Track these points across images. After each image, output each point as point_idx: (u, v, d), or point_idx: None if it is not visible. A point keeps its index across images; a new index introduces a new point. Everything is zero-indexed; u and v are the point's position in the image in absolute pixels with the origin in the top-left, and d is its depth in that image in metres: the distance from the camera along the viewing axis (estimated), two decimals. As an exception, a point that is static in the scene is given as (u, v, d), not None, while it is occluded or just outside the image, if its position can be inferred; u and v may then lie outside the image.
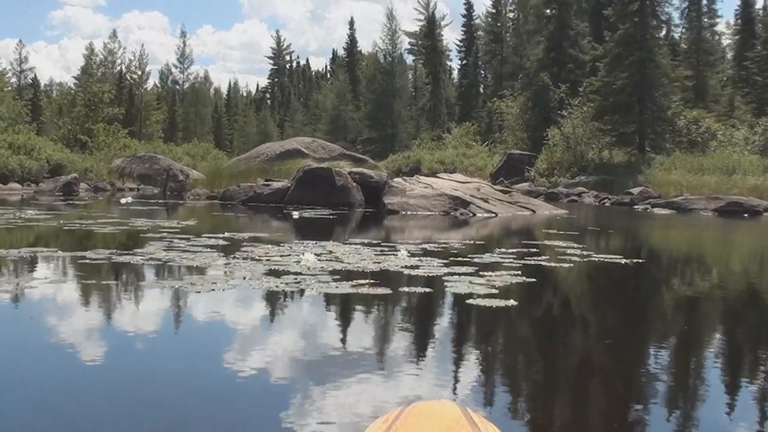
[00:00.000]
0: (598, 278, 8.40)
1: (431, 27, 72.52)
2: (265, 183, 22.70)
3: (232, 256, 8.21)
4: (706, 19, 51.08)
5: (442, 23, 75.18)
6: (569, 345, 5.29)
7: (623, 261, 9.08)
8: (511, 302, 5.88)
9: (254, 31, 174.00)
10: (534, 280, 7.32)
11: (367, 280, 6.57)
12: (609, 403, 3.91)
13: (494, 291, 6.34)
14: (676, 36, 52.27)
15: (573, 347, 5.20)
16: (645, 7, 37.06)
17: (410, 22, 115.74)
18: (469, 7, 71.00)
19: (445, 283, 6.74)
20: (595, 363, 4.77)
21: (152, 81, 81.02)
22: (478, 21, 71.44)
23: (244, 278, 6.69)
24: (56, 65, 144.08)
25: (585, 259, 9.02)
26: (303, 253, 7.86)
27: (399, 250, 8.56)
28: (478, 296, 6.09)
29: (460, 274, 7.26)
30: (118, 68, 68.22)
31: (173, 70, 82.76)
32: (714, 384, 4.27)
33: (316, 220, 16.08)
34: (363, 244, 10.04)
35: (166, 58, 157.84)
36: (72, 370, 4.08)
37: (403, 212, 18.40)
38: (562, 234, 13.39)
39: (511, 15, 67.56)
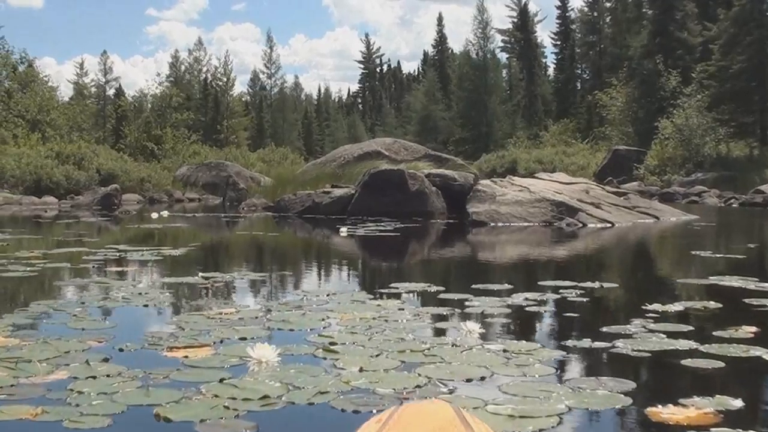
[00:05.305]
0: None
1: (524, 19, 69.45)
2: (326, 190, 18.72)
3: (126, 345, 4.01)
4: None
5: (535, 19, 72.06)
6: None
7: None
8: None
9: (345, 38, 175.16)
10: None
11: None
12: None
13: None
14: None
15: None
16: (764, -22, 32.50)
17: (501, 21, 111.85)
18: (564, -2, 67.03)
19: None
20: None
21: (241, 88, 79.32)
22: (572, 13, 68.02)
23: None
24: (152, 78, 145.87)
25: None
26: (254, 347, 3.68)
27: (465, 322, 4.43)
28: None
29: (593, 416, 3.00)
30: (204, 75, 66.33)
31: (261, 76, 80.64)
32: None
33: (370, 239, 11.96)
34: (411, 294, 5.92)
35: (256, 67, 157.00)
36: None
37: (493, 224, 14.10)
38: (723, 258, 9.03)
39: (608, 4, 62.93)
